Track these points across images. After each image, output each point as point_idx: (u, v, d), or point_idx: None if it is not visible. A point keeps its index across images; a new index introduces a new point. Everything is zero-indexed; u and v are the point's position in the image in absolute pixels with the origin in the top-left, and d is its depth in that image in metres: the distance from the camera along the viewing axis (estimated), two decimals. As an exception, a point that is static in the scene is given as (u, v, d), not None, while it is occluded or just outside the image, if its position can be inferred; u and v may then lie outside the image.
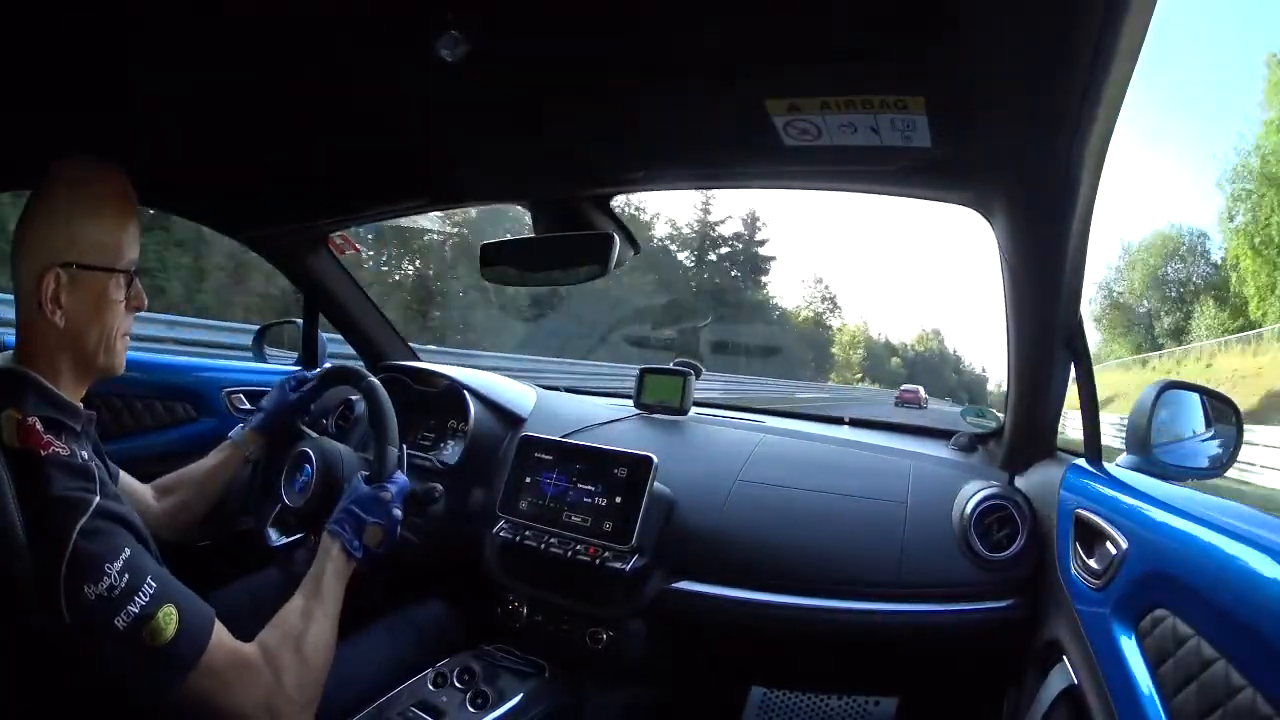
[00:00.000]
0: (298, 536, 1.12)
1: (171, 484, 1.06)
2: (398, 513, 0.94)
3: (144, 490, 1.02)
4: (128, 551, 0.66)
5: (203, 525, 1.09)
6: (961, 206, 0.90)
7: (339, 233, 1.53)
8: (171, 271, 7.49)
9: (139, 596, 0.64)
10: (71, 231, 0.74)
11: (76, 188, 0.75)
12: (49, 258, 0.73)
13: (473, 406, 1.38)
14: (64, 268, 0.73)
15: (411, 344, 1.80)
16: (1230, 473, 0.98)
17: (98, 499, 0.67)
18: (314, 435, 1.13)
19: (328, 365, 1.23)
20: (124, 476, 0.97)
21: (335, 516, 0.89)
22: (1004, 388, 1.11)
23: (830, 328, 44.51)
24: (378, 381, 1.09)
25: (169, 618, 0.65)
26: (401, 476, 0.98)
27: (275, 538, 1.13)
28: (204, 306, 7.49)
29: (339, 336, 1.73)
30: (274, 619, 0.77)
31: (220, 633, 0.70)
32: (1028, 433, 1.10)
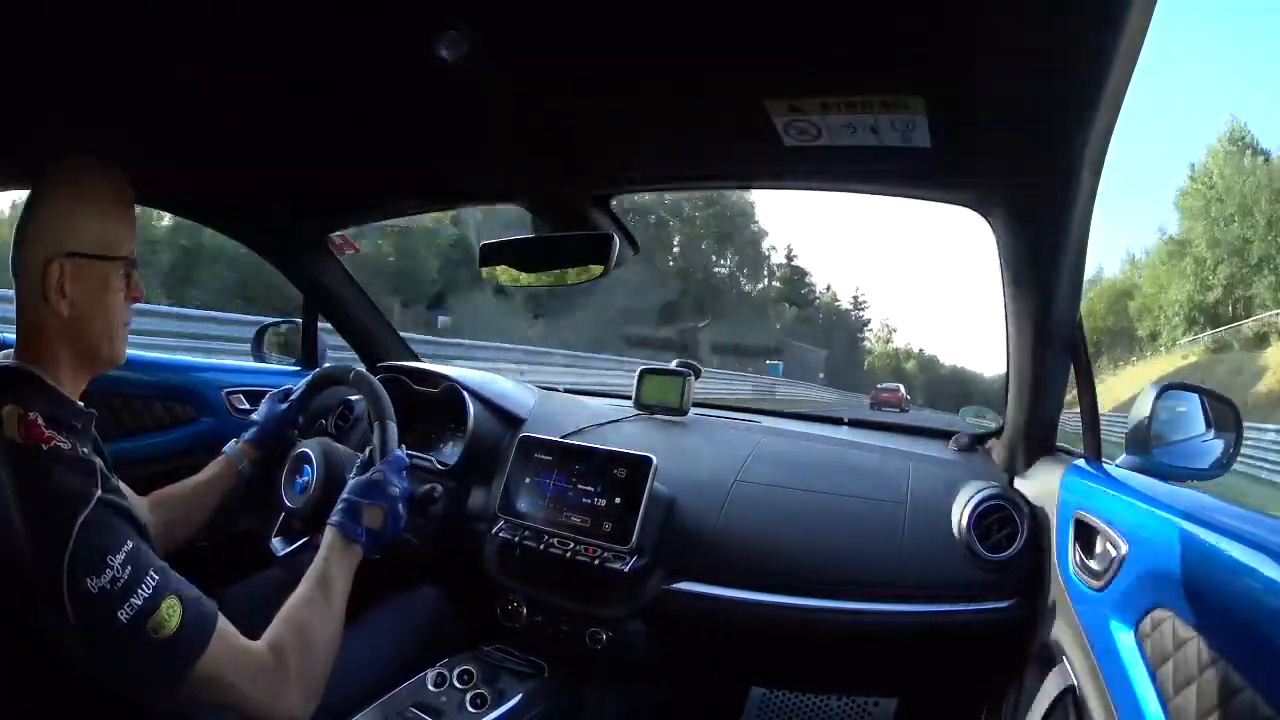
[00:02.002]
0: (302, 541, 1.12)
1: (166, 499, 1.05)
2: (395, 490, 0.92)
3: (140, 502, 1.02)
4: (129, 544, 0.66)
5: (197, 536, 1.09)
6: (961, 207, 0.90)
7: (339, 233, 1.53)
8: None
9: (141, 589, 0.64)
10: (73, 224, 0.76)
11: (75, 185, 0.77)
12: (53, 249, 0.74)
13: (472, 407, 1.38)
14: (68, 258, 0.74)
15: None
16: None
17: (99, 492, 0.67)
18: (307, 441, 1.13)
19: (313, 372, 1.23)
20: (121, 487, 0.96)
21: (335, 509, 0.89)
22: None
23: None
24: (367, 372, 1.09)
25: (172, 610, 0.65)
26: (398, 454, 0.97)
27: (280, 547, 1.12)
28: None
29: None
30: (280, 612, 0.77)
31: (224, 626, 0.70)
32: (1027, 433, 1.10)
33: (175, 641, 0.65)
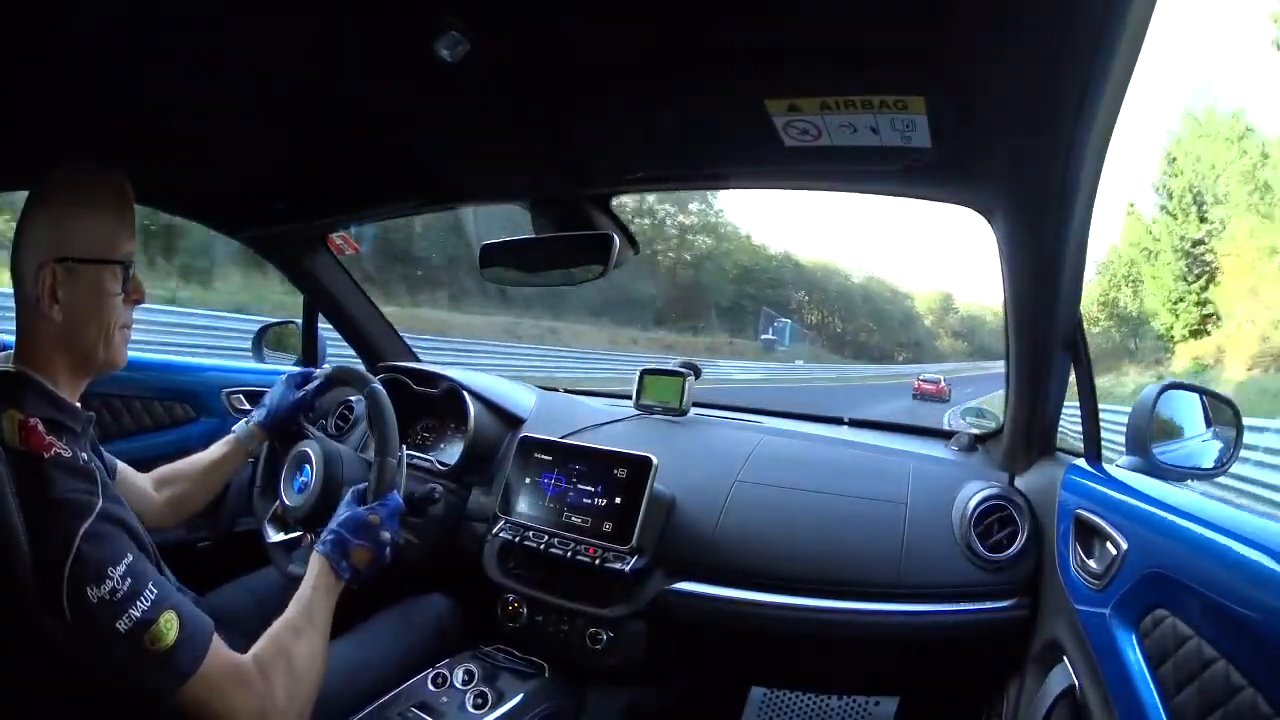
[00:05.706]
0: (295, 535, 1.12)
1: (172, 475, 1.06)
2: (387, 535, 0.92)
3: (144, 480, 1.03)
4: (130, 557, 0.66)
5: (202, 519, 1.09)
6: (962, 207, 0.90)
7: (339, 233, 1.53)
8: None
9: (140, 601, 0.65)
10: (66, 227, 0.74)
11: (71, 186, 0.76)
12: (45, 254, 0.73)
13: (472, 407, 1.38)
14: (59, 263, 0.73)
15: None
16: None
17: (100, 502, 0.67)
18: (315, 433, 1.13)
19: (333, 365, 1.23)
20: (123, 467, 0.97)
21: (324, 537, 0.89)
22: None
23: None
24: (382, 390, 1.07)
25: (170, 624, 0.66)
26: (395, 497, 0.96)
27: (272, 534, 1.13)
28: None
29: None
30: (267, 632, 0.78)
31: (218, 643, 0.71)
32: (1027, 433, 1.11)
33: (172, 655, 0.66)
